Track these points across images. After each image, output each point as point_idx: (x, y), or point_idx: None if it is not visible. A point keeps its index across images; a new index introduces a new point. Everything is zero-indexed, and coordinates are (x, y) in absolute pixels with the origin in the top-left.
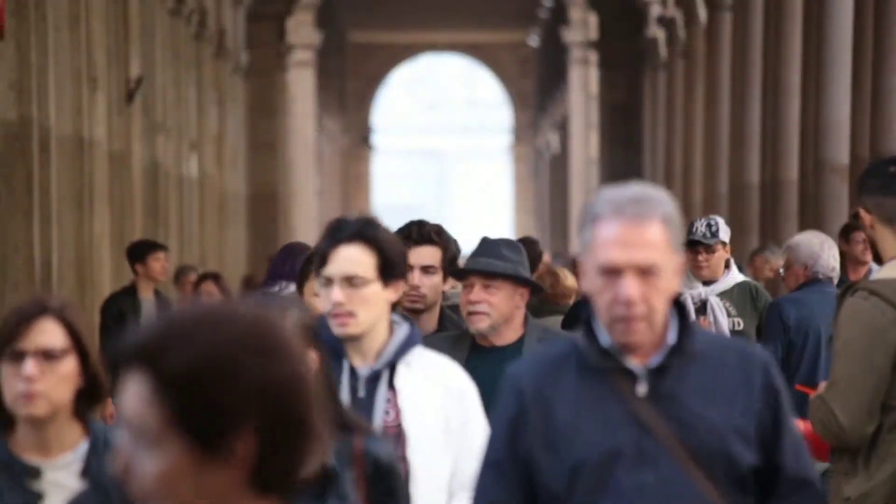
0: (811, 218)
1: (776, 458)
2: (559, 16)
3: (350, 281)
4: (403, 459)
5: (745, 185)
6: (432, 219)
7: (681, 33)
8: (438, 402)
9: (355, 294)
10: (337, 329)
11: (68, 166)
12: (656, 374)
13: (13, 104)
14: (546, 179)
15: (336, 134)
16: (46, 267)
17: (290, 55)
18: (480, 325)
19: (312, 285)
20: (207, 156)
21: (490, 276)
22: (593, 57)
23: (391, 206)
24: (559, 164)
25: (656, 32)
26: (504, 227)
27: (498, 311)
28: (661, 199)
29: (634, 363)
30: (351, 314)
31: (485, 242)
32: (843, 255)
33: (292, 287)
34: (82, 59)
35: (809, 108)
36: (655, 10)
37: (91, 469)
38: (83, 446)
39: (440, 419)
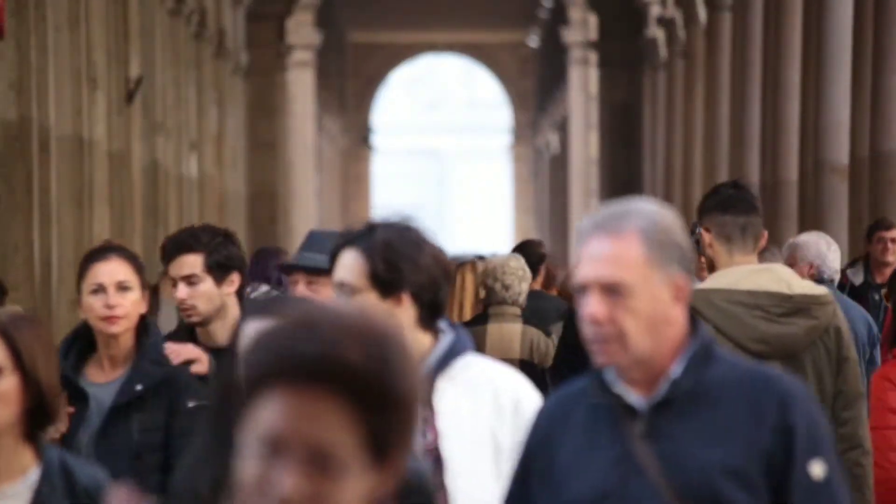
0: (811, 218)
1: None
2: (559, 16)
3: (341, 288)
4: (442, 487)
5: None
6: (432, 219)
7: (681, 33)
8: (485, 420)
9: (352, 301)
10: None
11: (68, 166)
12: (656, 410)
13: (13, 104)
14: (546, 179)
15: (336, 134)
16: (46, 267)
17: (289, 55)
18: None
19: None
20: (207, 156)
21: (314, 272)
22: (593, 57)
23: (391, 206)
24: (559, 164)
25: (656, 32)
26: (504, 227)
27: None
28: (642, 213)
29: (636, 398)
30: None
31: (311, 236)
32: (867, 256)
33: (263, 288)
34: (82, 59)
35: (809, 108)
36: (655, 10)
37: (42, 499)
38: (33, 474)
39: (486, 441)
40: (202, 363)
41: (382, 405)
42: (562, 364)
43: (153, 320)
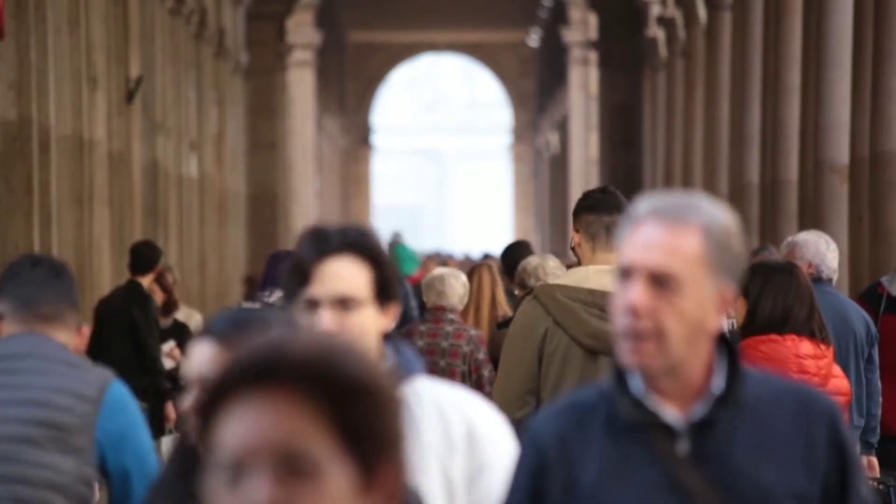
0: (811, 218)
1: None
2: (559, 16)
3: (343, 304)
4: None
5: (745, 185)
6: (432, 219)
7: (681, 33)
8: (434, 451)
9: (349, 319)
10: None
11: (68, 166)
12: (699, 429)
13: (13, 104)
14: (546, 179)
15: (336, 134)
16: None
17: (289, 55)
18: None
19: None
20: (207, 156)
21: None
22: (593, 57)
23: (391, 207)
24: (559, 164)
25: (656, 32)
26: (504, 227)
27: None
28: (708, 210)
29: (673, 415)
30: None
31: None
32: None
33: (279, 293)
34: (82, 60)
35: (809, 108)
36: (655, 10)
37: None
38: None
39: (437, 473)
40: None
41: (342, 391)
42: None
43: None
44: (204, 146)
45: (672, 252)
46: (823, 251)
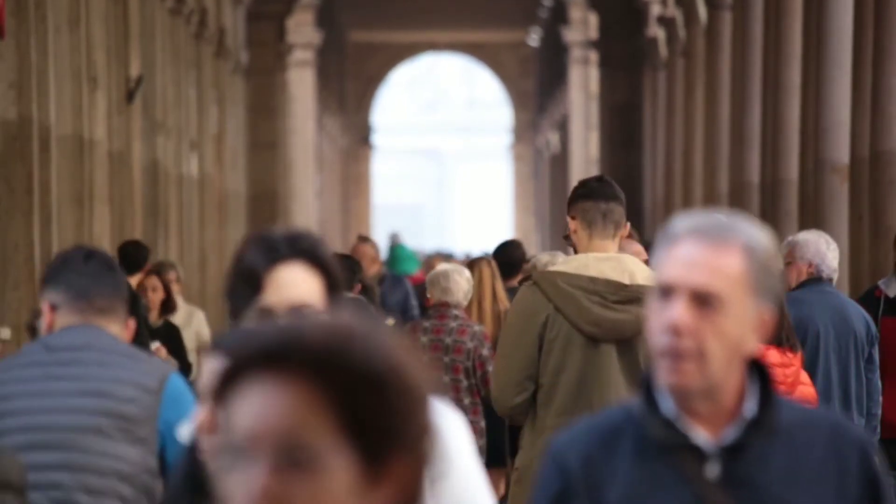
0: (811, 218)
1: None
2: (559, 15)
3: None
4: None
5: (745, 184)
6: (432, 218)
7: (681, 33)
8: None
9: None
10: None
11: (68, 166)
12: (731, 453)
13: (13, 104)
14: (546, 179)
15: (336, 134)
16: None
17: (290, 55)
18: None
19: None
20: (207, 155)
21: None
22: (593, 57)
23: (391, 206)
24: (559, 164)
25: (656, 32)
26: (504, 226)
27: None
28: (749, 232)
29: (704, 438)
30: None
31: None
32: None
33: None
34: (82, 59)
35: (809, 107)
36: (655, 9)
37: None
38: None
39: None
40: None
41: (352, 382)
42: None
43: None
44: (204, 146)
45: (715, 271)
46: (824, 251)
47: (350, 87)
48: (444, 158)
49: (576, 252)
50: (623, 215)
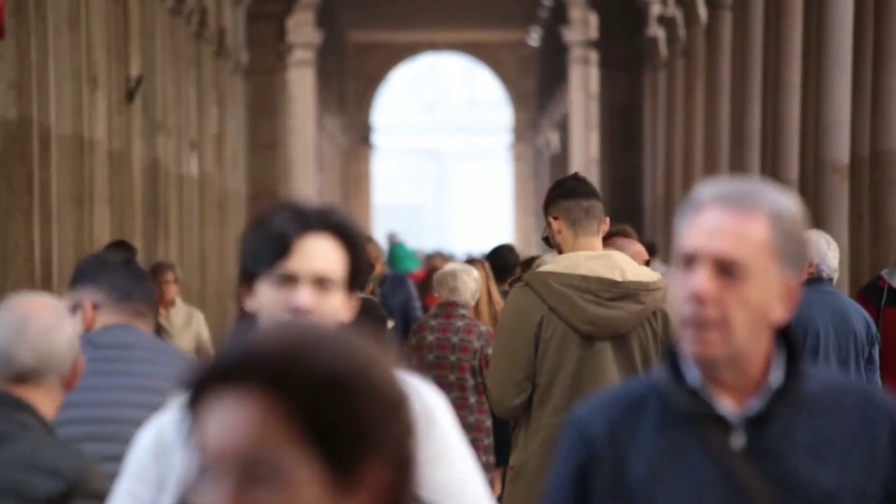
0: (811, 217)
1: None
2: (559, 15)
3: (321, 283)
4: None
5: None
6: (432, 218)
7: (681, 33)
8: None
9: (325, 301)
10: None
11: (68, 166)
12: (756, 423)
13: (13, 104)
14: (546, 179)
15: (336, 133)
16: (46, 266)
17: (290, 55)
18: None
19: None
20: (207, 155)
21: None
22: (593, 56)
23: (391, 206)
24: (559, 164)
25: (656, 32)
26: (504, 226)
27: None
28: (775, 198)
29: (729, 408)
30: None
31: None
32: None
33: None
34: (82, 59)
35: (809, 107)
36: (655, 9)
37: None
38: None
39: None
40: None
41: (310, 390)
42: None
43: None
44: (204, 145)
45: (739, 239)
46: (824, 250)
47: (350, 86)
48: (444, 158)
49: (560, 252)
50: (603, 211)
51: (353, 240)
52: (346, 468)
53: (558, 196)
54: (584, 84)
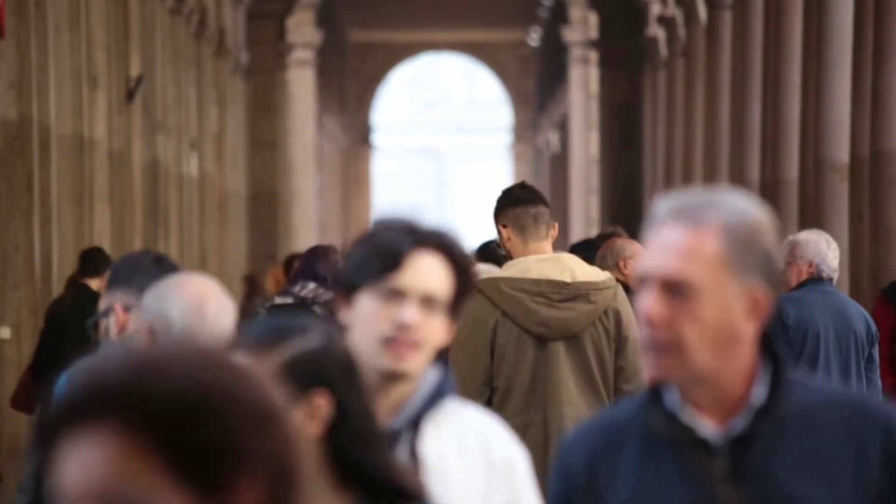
0: (811, 217)
1: None
2: (559, 15)
3: (428, 302)
4: None
5: (745, 184)
6: (432, 218)
7: (681, 33)
8: (477, 477)
9: (429, 321)
10: (391, 362)
11: (68, 166)
12: (740, 444)
13: (13, 103)
14: (546, 178)
15: (336, 133)
16: (46, 266)
17: (290, 54)
18: None
19: None
20: (207, 155)
21: None
22: (593, 56)
23: (391, 206)
24: (559, 164)
25: (656, 32)
26: None
27: None
28: (730, 206)
29: (710, 430)
30: (418, 346)
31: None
32: None
33: (311, 285)
34: (82, 59)
35: (809, 107)
36: (656, 9)
37: None
38: None
39: (478, 499)
40: None
41: (162, 416)
42: None
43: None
44: (204, 145)
45: (687, 256)
46: (824, 250)
47: (350, 86)
48: (444, 158)
49: (510, 258)
50: (550, 216)
51: (463, 263)
52: (216, 490)
53: (506, 205)
54: (584, 84)
